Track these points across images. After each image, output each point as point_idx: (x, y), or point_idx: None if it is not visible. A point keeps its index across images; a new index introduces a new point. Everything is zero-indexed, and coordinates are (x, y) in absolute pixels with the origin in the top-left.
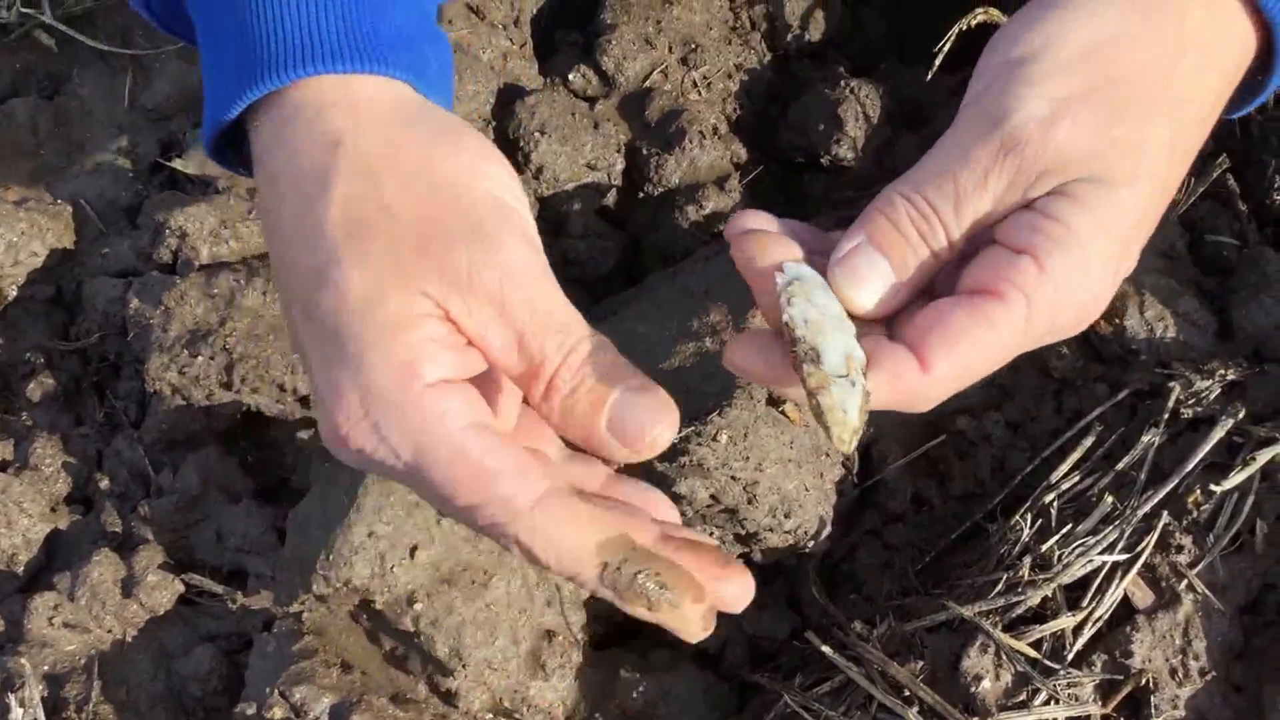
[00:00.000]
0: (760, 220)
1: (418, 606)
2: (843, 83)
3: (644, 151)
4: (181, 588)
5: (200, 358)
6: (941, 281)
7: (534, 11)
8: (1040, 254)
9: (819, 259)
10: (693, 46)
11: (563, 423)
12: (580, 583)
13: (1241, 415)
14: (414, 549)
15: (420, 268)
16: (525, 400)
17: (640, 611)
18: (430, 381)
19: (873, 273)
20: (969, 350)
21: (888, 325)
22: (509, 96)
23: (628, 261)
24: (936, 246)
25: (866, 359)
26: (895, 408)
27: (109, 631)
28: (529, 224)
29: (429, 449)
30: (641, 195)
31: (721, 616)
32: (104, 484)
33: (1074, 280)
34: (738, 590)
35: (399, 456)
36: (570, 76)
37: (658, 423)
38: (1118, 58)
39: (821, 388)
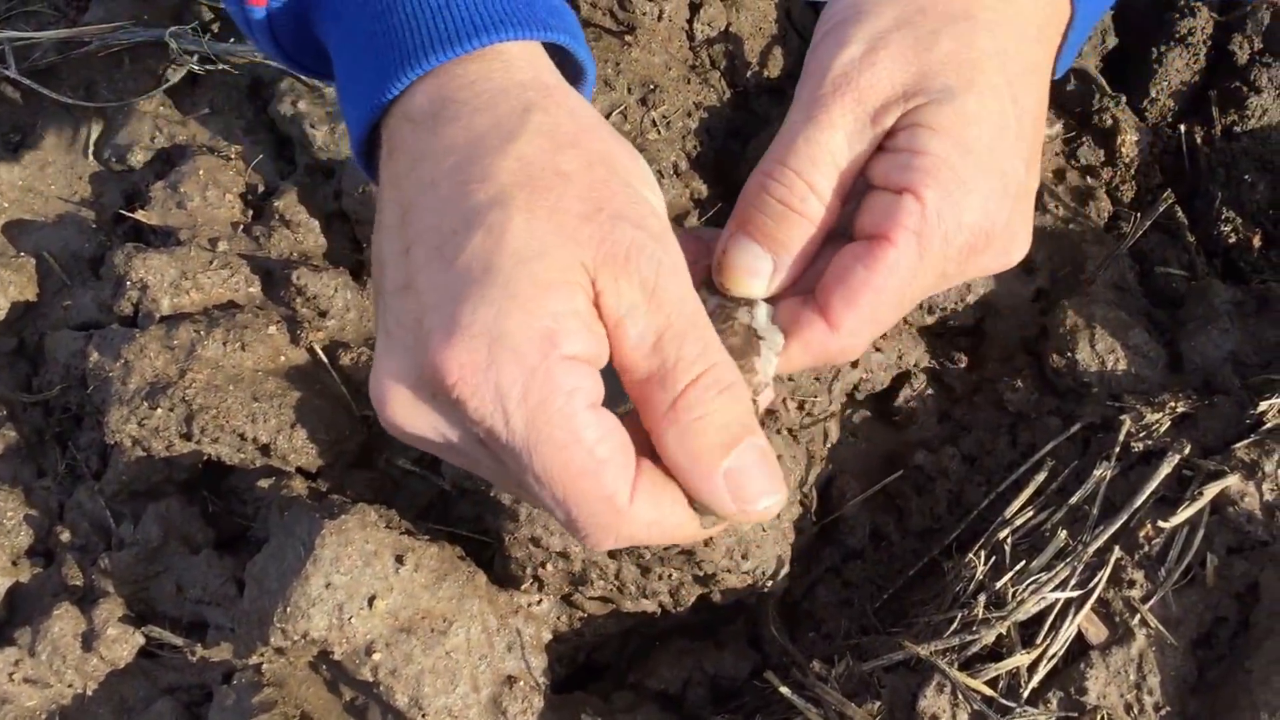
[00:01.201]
0: None
1: (377, 656)
2: None
3: None
4: (142, 640)
5: (160, 409)
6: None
7: None
8: (918, 188)
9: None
10: (651, 87)
11: (677, 445)
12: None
13: (1189, 449)
14: (372, 599)
15: (584, 232)
16: (643, 418)
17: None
18: (565, 354)
19: (750, 261)
20: (872, 300)
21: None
22: None
23: None
24: (803, 206)
25: (781, 334)
26: (819, 365)
27: (70, 686)
28: (675, 240)
29: (546, 424)
30: None
31: (685, 655)
32: (65, 536)
33: (957, 203)
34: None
35: (510, 423)
36: None
37: (775, 493)
38: None
39: None
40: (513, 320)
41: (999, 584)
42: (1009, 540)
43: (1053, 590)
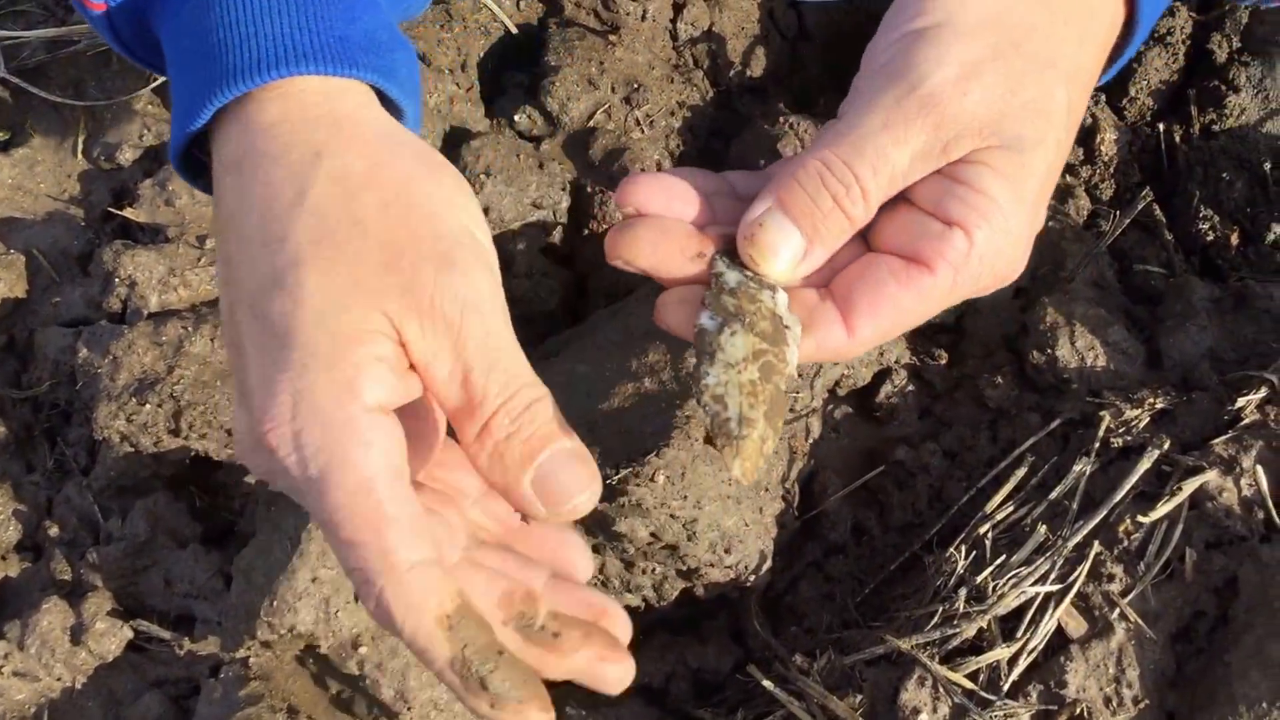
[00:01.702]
0: (658, 198)
1: (363, 650)
2: (782, 119)
3: (589, 190)
4: (130, 634)
5: (148, 405)
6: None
7: (480, 55)
8: (970, 228)
9: (723, 201)
10: (635, 86)
11: (489, 467)
12: (428, 661)
13: (1168, 444)
14: None
15: (384, 283)
16: (454, 436)
17: (482, 708)
18: (368, 404)
19: (785, 242)
20: (895, 318)
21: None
22: (456, 139)
23: (573, 299)
24: (853, 211)
25: (800, 323)
26: (821, 360)
27: (58, 680)
28: (495, 263)
29: (338, 471)
30: (586, 233)
31: (668, 649)
32: (54, 531)
33: (998, 249)
34: (618, 676)
35: (305, 468)
36: (516, 118)
37: (583, 490)
38: (1017, 25)
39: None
40: (313, 378)
41: (979, 578)
42: (989, 535)
43: (1033, 584)
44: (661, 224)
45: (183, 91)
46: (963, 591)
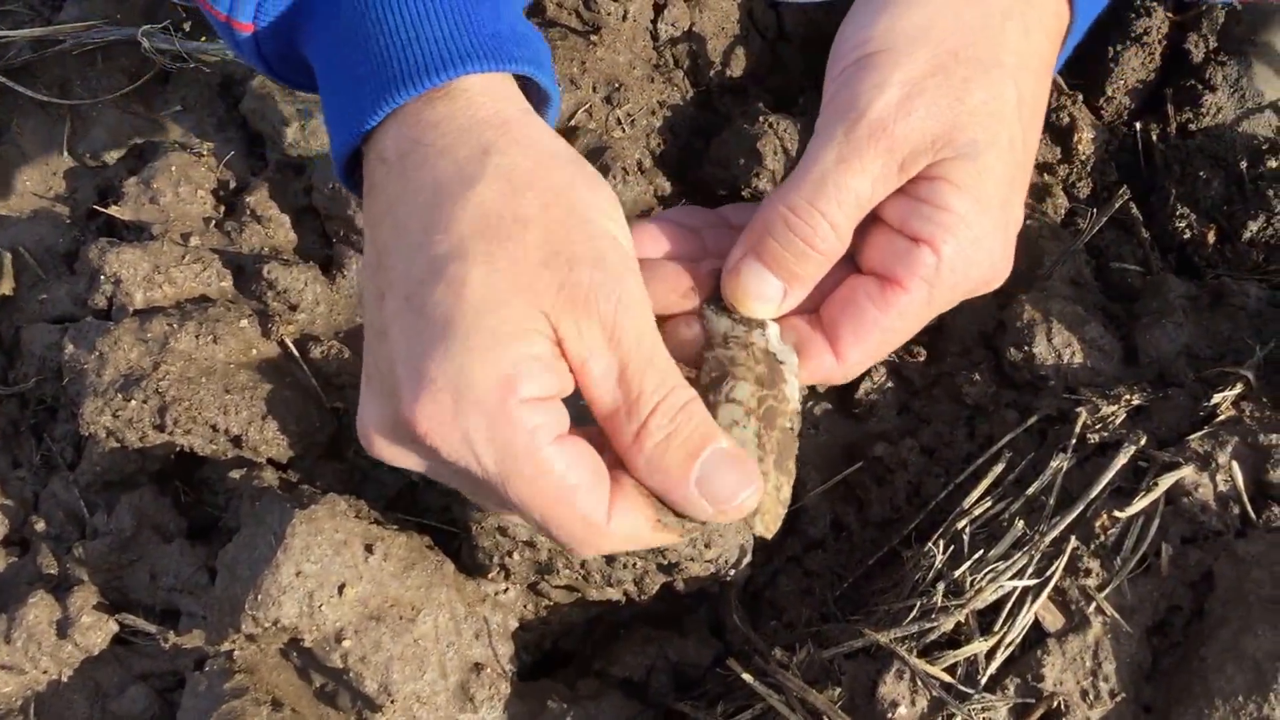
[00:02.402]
0: (643, 245)
1: (346, 643)
2: (762, 118)
3: None
4: (116, 628)
5: (134, 401)
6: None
7: None
8: (937, 243)
9: (717, 233)
10: (617, 85)
11: (648, 468)
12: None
13: (1144, 440)
14: (342, 587)
15: (543, 280)
16: (613, 443)
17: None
18: (524, 398)
19: (763, 288)
20: (880, 338)
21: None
22: None
23: None
24: (825, 246)
25: (794, 353)
26: (816, 383)
27: (45, 673)
28: (639, 271)
29: (515, 461)
30: None
31: (648, 643)
32: (40, 526)
33: (969, 259)
34: None
35: (481, 462)
36: None
37: (747, 486)
38: (951, 33)
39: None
40: (473, 372)
41: (957, 573)
42: (967, 530)
43: (1010, 579)
44: (652, 268)
45: (345, 98)
46: (941, 586)
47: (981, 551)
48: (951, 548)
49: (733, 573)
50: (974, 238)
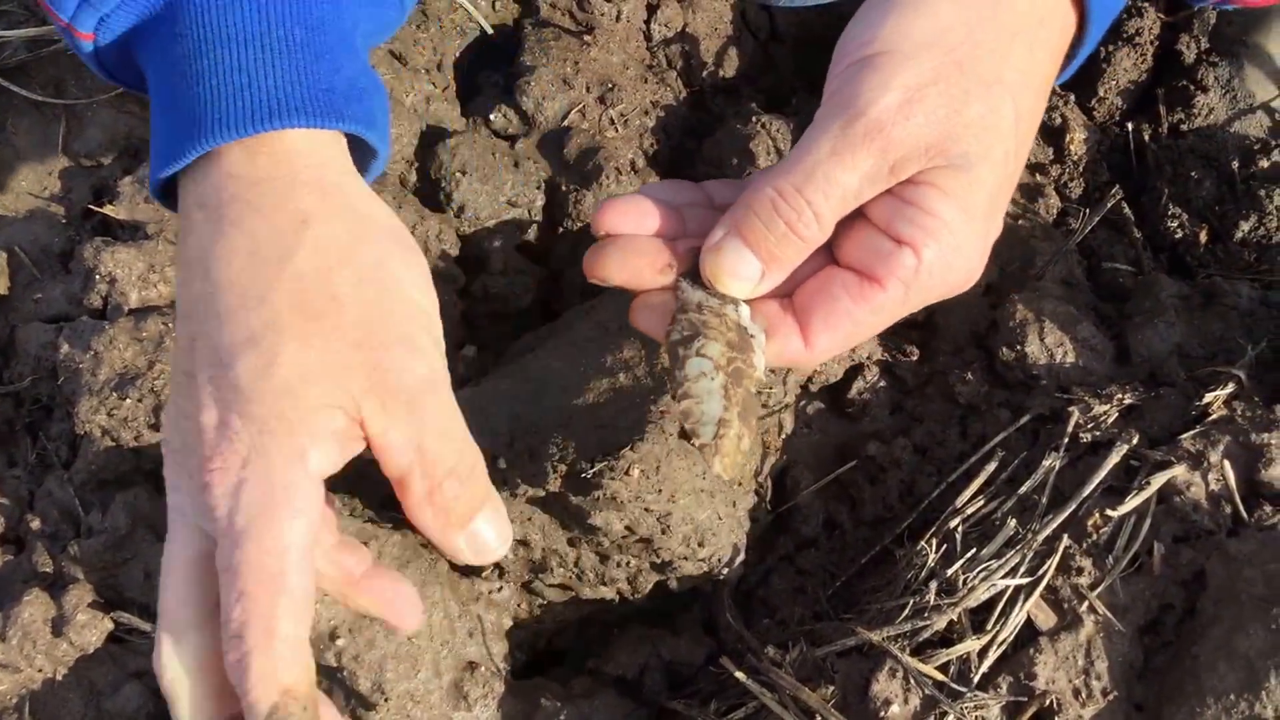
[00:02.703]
0: (628, 219)
1: (339, 642)
2: (755, 118)
3: (563, 188)
4: (111, 626)
5: (129, 400)
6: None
7: (456, 55)
8: (919, 246)
9: (698, 212)
10: (610, 85)
11: (433, 521)
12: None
13: (1136, 439)
14: None
15: (352, 361)
16: (397, 490)
17: None
18: (311, 471)
19: (742, 267)
20: (850, 330)
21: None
22: (432, 138)
23: (547, 296)
24: (807, 233)
25: (763, 331)
26: (782, 366)
27: (40, 671)
28: (441, 337)
29: (264, 532)
30: (561, 231)
31: (642, 641)
32: (35, 524)
33: (948, 263)
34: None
35: (233, 517)
36: (491, 117)
37: (504, 543)
38: (959, 44)
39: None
40: (270, 439)
41: (950, 571)
42: (960, 529)
43: (1003, 577)
44: (631, 243)
45: (169, 128)
46: (933, 584)
47: (974, 550)
48: (944, 546)
49: (725, 571)
50: (955, 245)
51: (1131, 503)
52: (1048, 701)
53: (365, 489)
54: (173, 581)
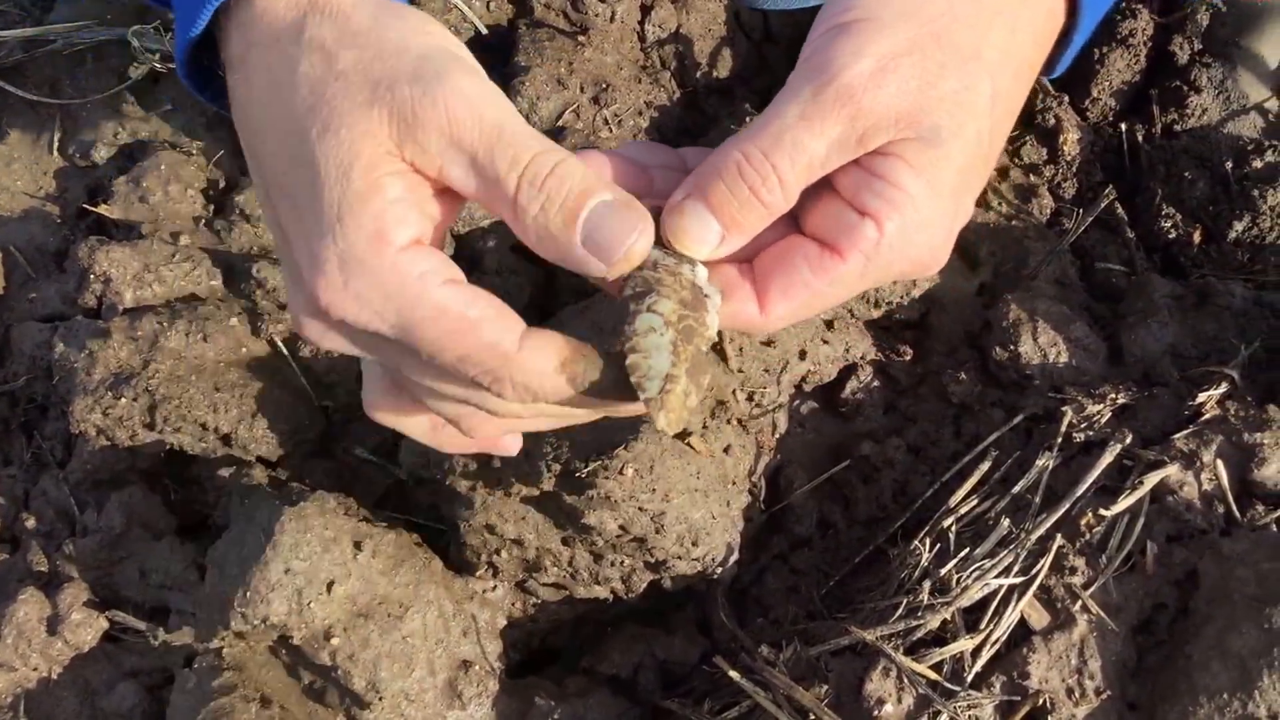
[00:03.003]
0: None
1: (335, 641)
2: (748, 119)
3: None
4: (105, 625)
5: (124, 399)
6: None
7: None
8: (881, 218)
9: (668, 175)
10: (604, 86)
11: (539, 244)
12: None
13: (1130, 439)
14: (330, 584)
15: (372, 118)
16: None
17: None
18: (402, 244)
19: (702, 229)
20: (807, 298)
21: None
22: None
23: (542, 296)
24: (770, 199)
25: (719, 293)
26: (735, 330)
27: (35, 669)
28: (474, 64)
29: (412, 309)
30: None
31: (636, 640)
32: (30, 523)
33: (910, 238)
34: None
35: (384, 319)
36: None
37: (632, 231)
38: (938, 18)
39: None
40: (346, 238)
41: (943, 571)
42: (953, 528)
43: (996, 577)
44: None
45: (184, 5)
46: (927, 584)
47: (967, 550)
48: (938, 546)
49: (719, 571)
50: (920, 220)
51: (1125, 502)
52: (1041, 701)
53: (358, 488)
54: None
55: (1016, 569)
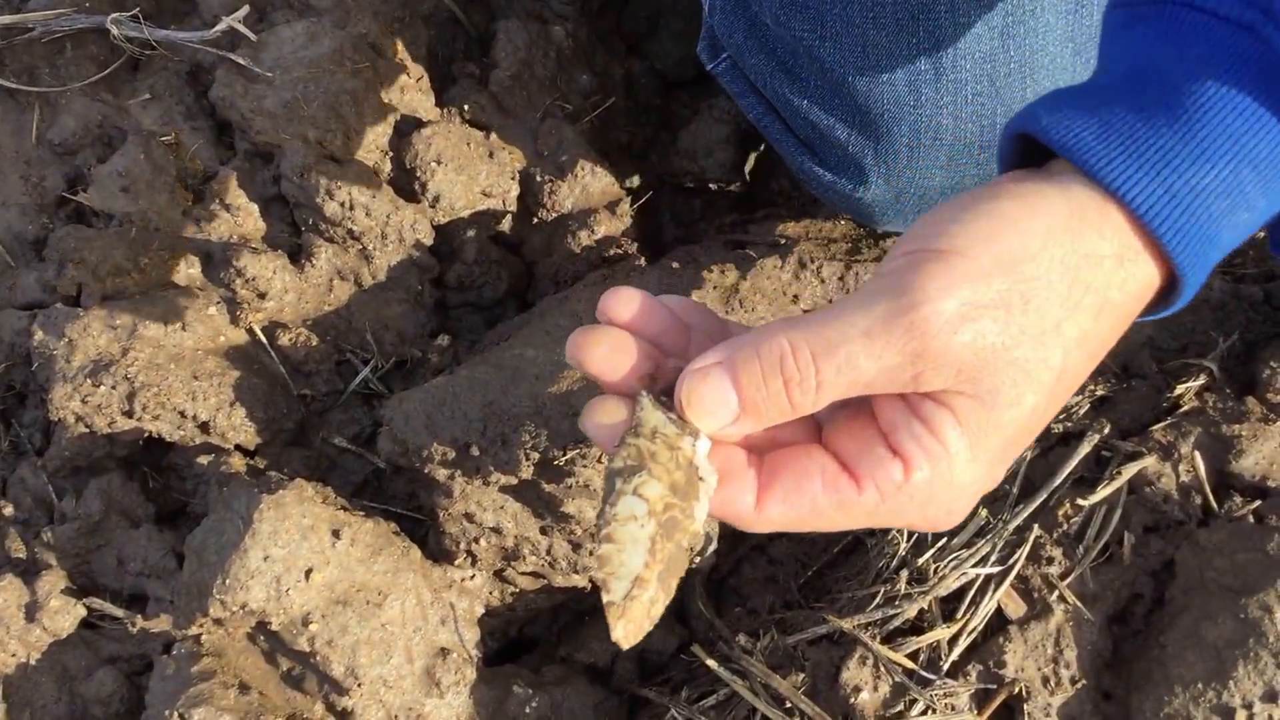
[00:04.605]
0: (628, 309)
1: (313, 627)
2: (728, 111)
3: (538, 178)
4: (84, 612)
5: (102, 387)
6: None
7: (431, 45)
8: (911, 465)
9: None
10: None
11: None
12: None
13: (1108, 430)
14: (309, 571)
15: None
16: None
17: None
18: None
19: (720, 404)
20: (807, 513)
21: None
22: (406, 128)
23: (522, 286)
24: (800, 402)
25: (716, 474)
26: (717, 518)
27: (13, 656)
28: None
29: None
30: (535, 221)
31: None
32: (8, 510)
33: (933, 495)
34: None
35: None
36: (466, 107)
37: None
38: (1032, 280)
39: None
40: None
41: (921, 560)
42: None
43: (973, 566)
44: (625, 341)
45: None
46: (904, 573)
47: (945, 539)
48: (915, 536)
49: (697, 560)
50: (949, 481)
51: (1102, 493)
52: (1017, 689)
53: (335, 477)
54: None
55: (994, 559)
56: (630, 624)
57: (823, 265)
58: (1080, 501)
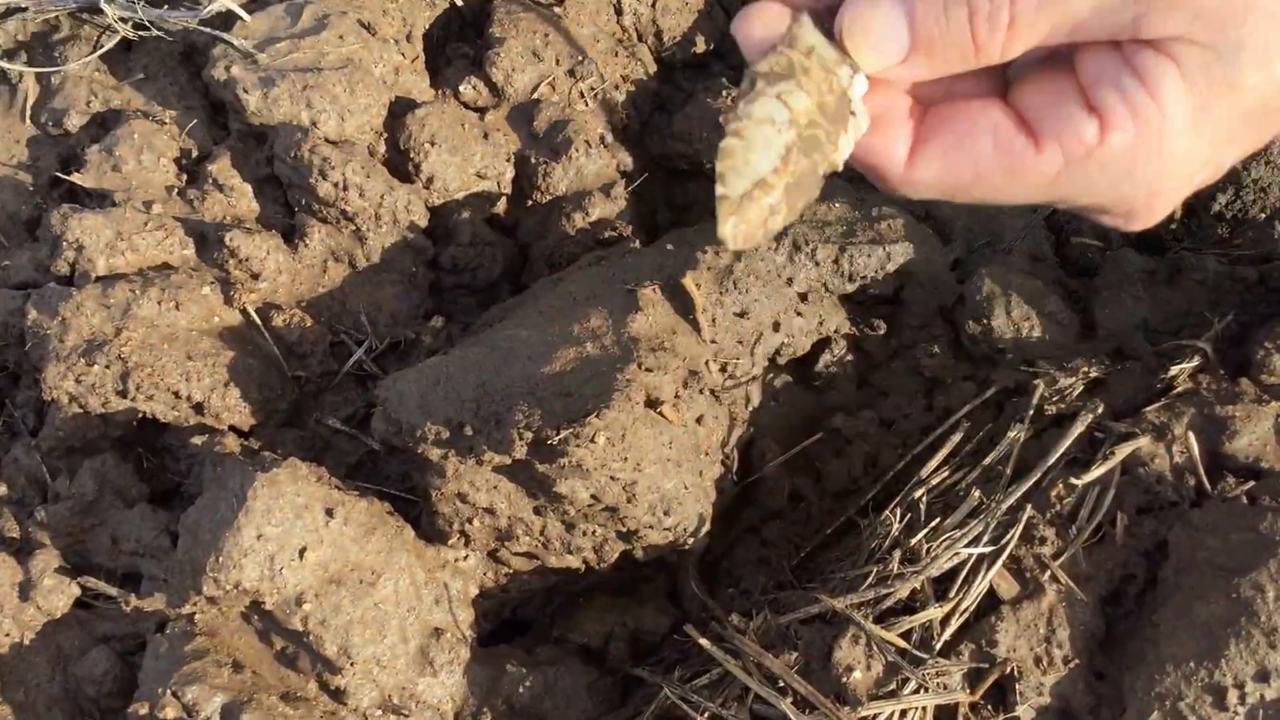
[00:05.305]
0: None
1: (307, 607)
2: (725, 93)
3: (532, 160)
4: (77, 591)
5: (96, 366)
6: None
7: (426, 26)
8: (1110, 124)
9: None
10: (580, 59)
11: None
12: None
13: (1101, 411)
14: (303, 550)
15: None
16: None
17: None
18: None
19: (887, 36)
20: (968, 174)
21: None
22: (401, 109)
23: (516, 267)
24: (986, 42)
25: (869, 118)
26: (863, 170)
27: (7, 635)
28: None
29: None
30: (530, 203)
31: (607, 611)
32: (2, 490)
33: (1133, 165)
34: None
35: None
36: (461, 88)
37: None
38: None
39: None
40: None
41: (914, 541)
42: (924, 499)
43: (966, 546)
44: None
45: None
46: (897, 554)
47: (938, 520)
48: (908, 516)
49: (691, 541)
50: (1159, 148)
51: (1095, 473)
52: (1009, 669)
53: (329, 458)
54: None
55: (986, 539)
56: (743, 224)
57: (817, 248)
58: (1073, 481)
